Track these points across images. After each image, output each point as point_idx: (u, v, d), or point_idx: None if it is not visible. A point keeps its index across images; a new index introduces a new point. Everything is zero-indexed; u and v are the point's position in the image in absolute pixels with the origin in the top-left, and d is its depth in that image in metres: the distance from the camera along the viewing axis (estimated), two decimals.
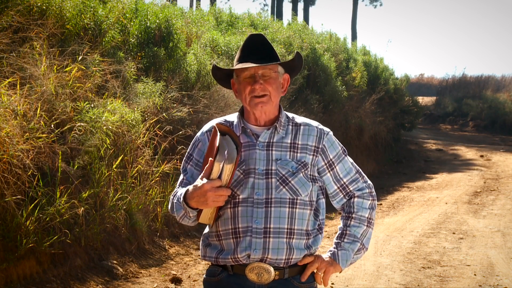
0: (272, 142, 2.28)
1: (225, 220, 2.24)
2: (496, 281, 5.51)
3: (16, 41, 5.72)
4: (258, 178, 2.23)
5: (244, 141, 2.28)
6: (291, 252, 2.23)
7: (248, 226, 2.20)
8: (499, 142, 19.89)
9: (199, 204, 2.13)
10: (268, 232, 2.20)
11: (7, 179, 4.53)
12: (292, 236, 2.23)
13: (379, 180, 13.01)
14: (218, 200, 2.11)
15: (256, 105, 2.26)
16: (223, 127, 2.21)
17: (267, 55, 2.27)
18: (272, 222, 2.21)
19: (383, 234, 7.50)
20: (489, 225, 7.95)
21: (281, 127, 2.31)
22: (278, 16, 26.62)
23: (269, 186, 2.22)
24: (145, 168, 6.26)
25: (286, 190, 2.23)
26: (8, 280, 4.53)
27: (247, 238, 2.20)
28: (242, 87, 2.27)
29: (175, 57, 8.21)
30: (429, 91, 29.84)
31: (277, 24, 13.43)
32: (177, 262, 6.03)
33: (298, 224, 2.25)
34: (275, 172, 2.24)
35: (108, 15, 7.25)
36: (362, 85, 13.86)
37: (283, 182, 2.23)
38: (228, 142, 2.17)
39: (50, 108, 5.39)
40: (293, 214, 2.23)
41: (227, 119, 2.39)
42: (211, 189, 2.08)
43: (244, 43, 2.30)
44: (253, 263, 2.21)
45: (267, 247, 2.20)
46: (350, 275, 5.70)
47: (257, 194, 2.22)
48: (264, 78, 2.25)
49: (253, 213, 2.21)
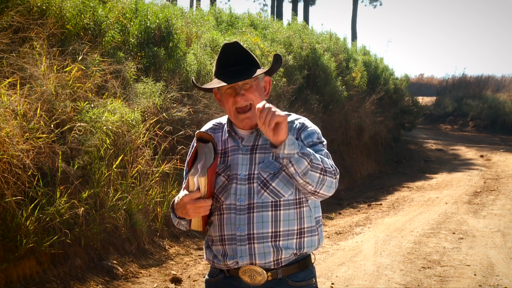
0: (257, 145, 2.28)
1: (214, 227, 2.29)
2: (496, 281, 5.51)
3: (16, 41, 5.72)
4: (241, 184, 2.24)
5: (230, 145, 2.30)
6: (279, 253, 2.22)
7: (233, 234, 2.23)
8: (499, 142, 19.89)
9: (183, 215, 2.18)
10: (252, 238, 2.21)
11: (7, 179, 4.53)
12: (278, 239, 2.22)
13: (379, 180, 13.01)
14: (199, 211, 2.14)
15: (243, 121, 2.26)
16: (205, 135, 2.21)
17: (245, 64, 2.26)
18: (255, 228, 2.21)
19: (383, 234, 7.50)
20: (489, 225, 7.95)
21: None
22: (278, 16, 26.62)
23: (251, 191, 2.22)
24: (145, 168, 6.26)
25: (268, 193, 2.22)
26: (8, 280, 4.53)
27: (232, 246, 2.23)
28: (224, 99, 2.28)
29: (175, 57, 8.21)
30: (429, 91, 29.85)
31: (277, 24, 13.43)
32: (177, 262, 6.03)
33: (284, 226, 2.23)
34: (257, 176, 2.23)
35: (108, 15, 7.25)
36: (362, 85, 13.86)
37: (264, 185, 2.22)
38: (209, 151, 2.18)
39: (50, 108, 5.39)
40: (277, 217, 2.22)
41: (221, 121, 2.41)
42: (190, 201, 2.12)
43: (219, 55, 2.27)
44: (244, 267, 2.23)
45: (253, 253, 2.21)
46: (350, 275, 5.70)
47: (239, 200, 2.23)
48: (244, 88, 2.24)
49: (236, 220, 2.22)
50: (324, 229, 7.99)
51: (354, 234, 7.62)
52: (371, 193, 11.16)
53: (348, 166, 12.75)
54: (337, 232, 7.71)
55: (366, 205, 9.83)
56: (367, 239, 7.23)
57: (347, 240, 7.29)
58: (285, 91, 9.96)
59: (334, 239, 7.33)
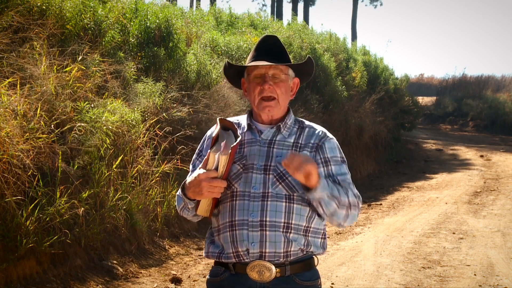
0: (275, 140, 2.32)
1: (223, 214, 2.27)
2: (496, 281, 5.51)
3: (16, 41, 5.72)
4: (256, 173, 2.25)
5: (248, 138, 2.33)
6: (289, 244, 2.23)
7: (244, 219, 2.22)
8: (499, 142, 19.89)
9: (195, 195, 2.16)
10: (264, 225, 2.21)
11: (7, 179, 4.53)
12: (290, 230, 2.23)
13: (379, 180, 13.01)
14: (213, 191, 2.14)
15: (264, 109, 2.30)
16: (226, 122, 2.25)
17: (279, 57, 2.31)
18: (268, 216, 2.21)
19: (383, 234, 7.50)
20: (489, 225, 7.95)
21: (285, 129, 2.34)
22: (278, 16, 26.62)
23: (266, 181, 2.24)
24: (145, 168, 6.26)
25: (283, 186, 2.24)
26: (8, 280, 4.53)
27: (244, 232, 2.21)
28: (252, 87, 2.31)
29: (175, 57, 8.21)
30: (429, 91, 29.85)
31: (277, 24, 13.44)
32: (177, 262, 6.03)
33: (296, 219, 2.24)
34: (273, 169, 2.26)
35: (108, 15, 7.25)
36: (362, 85, 13.86)
37: (280, 178, 2.25)
38: (229, 136, 2.21)
39: (50, 108, 5.39)
40: (290, 208, 2.23)
41: (238, 119, 2.43)
42: (206, 179, 2.11)
43: (258, 43, 2.34)
44: (253, 261, 2.22)
45: (264, 240, 2.21)
46: (350, 275, 5.70)
47: (254, 188, 2.24)
48: (274, 79, 2.28)
49: (250, 206, 2.23)
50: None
51: (354, 234, 7.62)
52: (371, 193, 11.16)
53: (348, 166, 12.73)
54: (337, 232, 7.71)
55: (366, 205, 9.82)
56: (367, 239, 7.23)
57: (347, 240, 7.29)
58: None
59: (334, 239, 7.33)
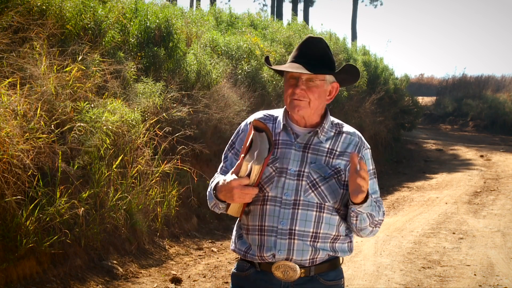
0: (310, 144, 2.29)
1: (253, 216, 2.28)
2: (496, 281, 5.51)
3: (16, 41, 5.71)
4: (289, 179, 2.24)
5: (283, 139, 2.30)
6: (316, 253, 2.25)
7: (274, 226, 2.23)
8: (499, 142, 19.89)
9: (226, 198, 2.18)
10: (293, 234, 2.22)
11: (7, 179, 4.53)
12: (317, 240, 2.24)
13: (379, 180, 12.91)
14: (244, 197, 2.15)
15: (294, 108, 2.26)
16: (261, 124, 2.21)
17: (320, 62, 2.26)
18: (298, 225, 2.22)
19: (383, 234, 7.50)
20: (489, 225, 7.95)
21: (323, 133, 2.31)
22: (278, 16, 26.62)
23: (298, 188, 2.23)
24: (145, 168, 6.26)
25: (315, 194, 2.23)
26: (8, 280, 4.53)
27: (272, 238, 2.23)
28: (286, 86, 2.30)
29: (175, 57, 8.21)
30: (429, 91, 29.85)
31: (277, 24, 13.44)
32: (177, 262, 6.03)
33: (325, 229, 2.25)
34: (307, 175, 2.24)
35: (108, 15, 7.25)
36: (362, 85, 13.85)
37: (313, 186, 2.24)
38: (262, 140, 2.18)
39: (50, 108, 5.39)
40: (320, 218, 2.24)
41: (272, 113, 2.40)
42: (238, 186, 2.13)
43: (301, 43, 2.30)
44: (279, 262, 2.24)
45: (292, 249, 2.22)
46: (350, 275, 5.70)
47: (285, 194, 2.23)
48: (308, 84, 2.24)
49: (280, 213, 2.23)
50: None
51: None
52: None
53: None
54: None
55: None
56: (367, 239, 7.23)
57: None
58: None
59: None
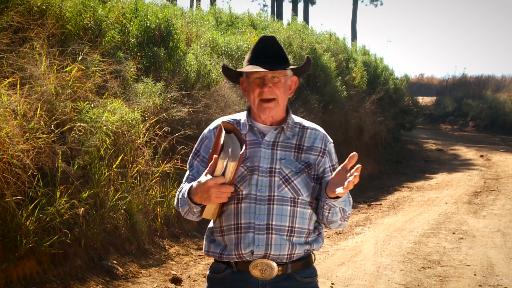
0: (278, 142, 2.33)
1: (228, 216, 2.29)
2: (496, 281, 5.51)
3: (16, 41, 5.71)
4: (262, 176, 2.27)
5: (250, 139, 2.33)
6: (293, 248, 2.28)
7: (251, 222, 2.25)
8: (499, 142, 19.89)
9: (203, 200, 2.17)
10: (271, 228, 2.25)
11: (7, 179, 4.53)
12: (293, 234, 2.28)
13: (379, 180, 13.01)
14: (221, 196, 2.15)
15: (264, 110, 2.31)
16: (229, 125, 2.24)
17: (278, 58, 2.31)
18: (274, 219, 2.25)
19: (383, 234, 7.50)
20: (489, 225, 7.95)
21: (288, 129, 2.35)
22: (278, 16, 26.62)
23: (272, 184, 2.27)
24: (145, 168, 6.26)
25: (288, 189, 2.27)
26: (8, 280, 4.53)
27: (250, 235, 2.24)
28: (251, 88, 2.32)
29: (175, 57, 8.21)
30: (429, 91, 29.85)
31: (277, 24, 13.44)
32: (177, 262, 6.03)
33: (299, 223, 2.29)
34: (279, 171, 2.28)
35: (108, 15, 7.25)
36: (362, 85, 13.86)
37: (286, 181, 2.27)
38: (233, 140, 2.20)
39: (50, 108, 5.39)
40: (294, 212, 2.27)
41: (235, 117, 2.43)
42: (214, 185, 2.12)
43: (256, 44, 2.34)
44: (256, 260, 2.25)
45: (270, 243, 2.24)
46: (350, 275, 5.70)
47: (260, 191, 2.26)
48: (273, 81, 2.29)
49: (256, 209, 2.25)
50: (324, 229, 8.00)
51: (354, 234, 7.62)
52: (371, 193, 11.16)
53: None
54: (337, 232, 7.70)
55: (366, 205, 9.83)
56: (367, 239, 7.23)
57: (347, 240, 7.29)
58: None
59: (334, 239, 7.33)
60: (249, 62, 2.32)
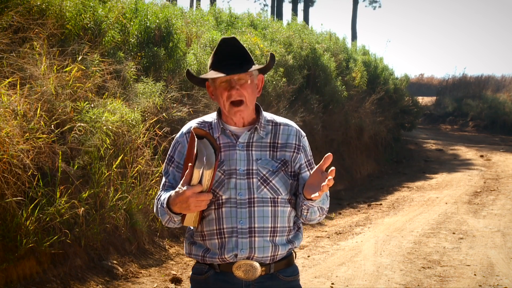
0: (252, 142, 2.32)
1: (209, 221, 2.29)
2: (496, 281, 5.51)
3: (16, 41, 5.72)
4: (240, 179, 2.27)
5: (224, 142, 2.32)
6: (276, 249, 2.29)
7: (233, 226, 2.25)
8: (499, 142, 19.89)
9: (182, 210, 2.16)
10: (253, 231, 2.25)
11: (7, 179, 4.53)
12: (276, 234, 2.29)
13: (379, 180, 13.01)
14: (200, 205, 2.15)
15: (235, 114, 2.30)
16: (201, 131, 2.21)
17: (241, 59, 2.29)
18: (256, 222, 2.26)
19: (383, 234, 7.50)
20: (489, 225, 7.95)
21: (261, 128, 2.34)
22: (278, 16, 26.62)
23: (250, 186, 2.27)
24: (145, 168, 6.26)
25: (267, 190, 2.27)
26: (8, 280, 4.53)
27: (233, 239, 2.25)
28: (218, 92, 2.30)
29: (175, 57, 8.21)
30: (429, 91, 29.86)
31: (276, 24, 13.43)
32: (177, 262, 6.03)
33: (281, 222, 2.30)
34: (256, 172, 2.28)
35: (108, 15, 7.25)
36: (362, 85, 13.86)
37: (264, 182, 2.28)
38: (206, 146, 2.18)
39: (50, 108, 5.39)
40: (275, 212, 2.28)
41: (205, 119, 2.41)
42: (193, 195, 2.11)
43: (217, 48, 2.31)
44: (240, 261, 2.26)
45: (253, 246, 2.25)
46: (350, 275, 5.70)
47: (239, 194, 2.26)
48: (239, 83, 2.27)
49: (237, 213, 2.25)
50: (324, 229, 8.01)
51: (354, 234, 7.62)
52: (371, 193, 11.16)
53: (348, 166, 12.75)
54: (337, 232, 7.71)
55: (366, 205, 9.83)
56: (367, 239, 7.23)
57: (347, 240, 7.29)
58: (285, 91, 9.95)
59: (334, 239, 7.33)
60: (212, 66, 2.30)
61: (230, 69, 2.25)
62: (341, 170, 12.31)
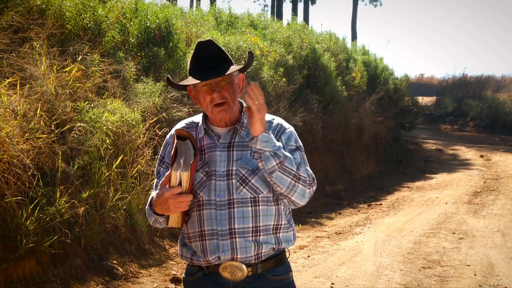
0: (233, 142, 2.32)
1: (192, 223, 2.31)
2: (496, 281, 5.51)
3: (16, 41, 5.72)
4: (219, 180, 2.27)
5: (207, 143, 2.33)
6: (259, 248, 2.27)
7: (214, 229, 2.26)
8: (499, 142, 19.89)
9: (163, 211, 2.20)
10: (234, 233, 2.25)
11: (7, 179, 4.53)
12: (258, 234, 2.27)
13: (379, 180, 13.01)
14: (180, 206, 2.17)
15: (218, 114, 2.30)
16: (183, 132, 2.24)
17: (219, 62, 2.29)
18: (236, 223, 2.25)
19: (383, 234, 7.50)
20: (489, 225, 7.95)
21: (243, 129, 2.34)
22: (278, 16, 26.62)
23: (229, 187, 2.26)
24: (145, 168, 6.26)
25: (247, 190, 2.26)
26: (8, 280, 4.53)
27: (214, 241, 2.26)
28: (200, 96, 2.31)
29: (175, 57, 8.21)
30: (429, 91, 29.87)
31: (276, 24, 13.43)
32: (177, 262, 6.03)
33: (263, 221, 2.28)
34: (235, 173, 2.27)
35: (108, 15, 7.25)
36: (362, 85, 13.85)
37: (243, 182, 2.26)
38: (187, 147, 2.20)
39: (50, 108, 5.39)
40: (257, 212, 2.27)
41: (193, 120, 2.43)
42: (171, 196, 2.14)
43: (194, 52, 2.30)
44: (225, 263, 2.27)
45: (235, 247, 2.25)
46: (350, 275, 5.70)
47: (219, 196, 2.26)
48: (220, 85, 2.27)
49: (217, 215, 2.26)
50: (324, 229, 8.01)
51: (354, 234, 7.62)
52: (371, 193, 11.16)
53: (348, 166, 12.75)
54: (337, 232, 7.71)
55: (366, 205, 9.83)
56: (367, 239, 7.23)
57: (347, 240, 7.29)
58: (285, 91, 9.95)
59: (334, 239, 7.33)
60: (191, 72, 2.30)
61: (208, 74, 2.25)
62: (341, 170, 12.31)
